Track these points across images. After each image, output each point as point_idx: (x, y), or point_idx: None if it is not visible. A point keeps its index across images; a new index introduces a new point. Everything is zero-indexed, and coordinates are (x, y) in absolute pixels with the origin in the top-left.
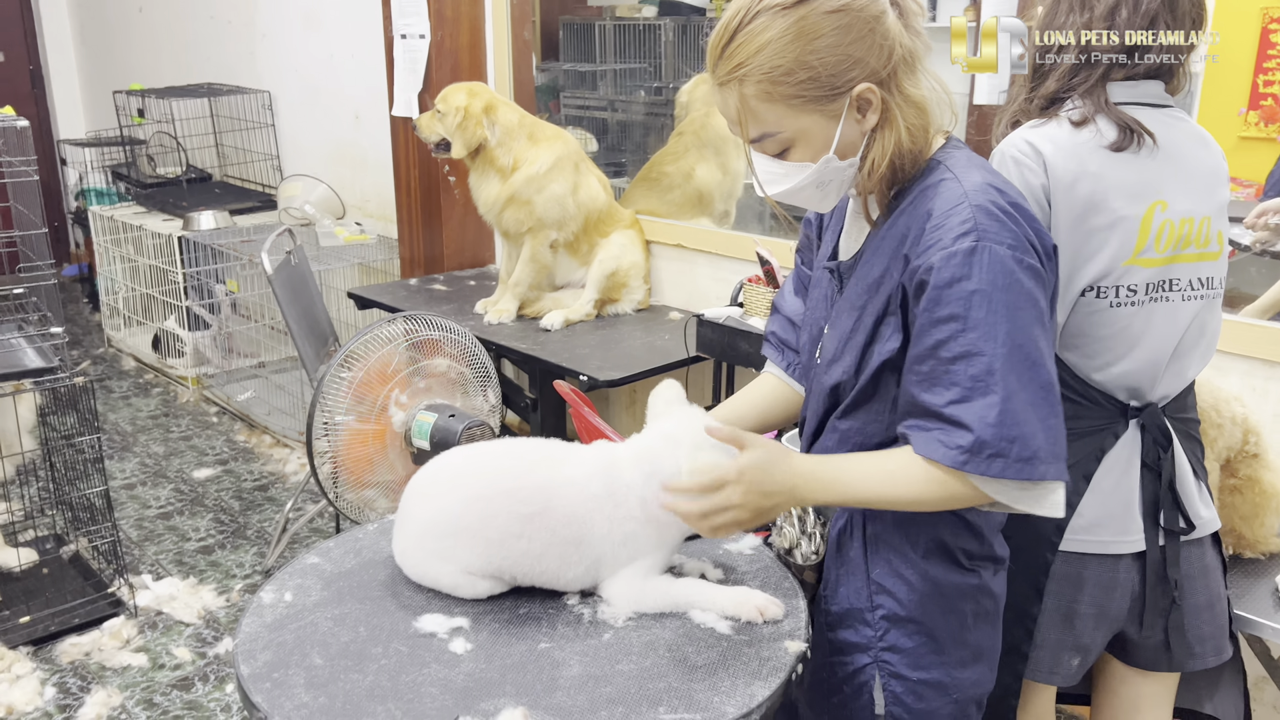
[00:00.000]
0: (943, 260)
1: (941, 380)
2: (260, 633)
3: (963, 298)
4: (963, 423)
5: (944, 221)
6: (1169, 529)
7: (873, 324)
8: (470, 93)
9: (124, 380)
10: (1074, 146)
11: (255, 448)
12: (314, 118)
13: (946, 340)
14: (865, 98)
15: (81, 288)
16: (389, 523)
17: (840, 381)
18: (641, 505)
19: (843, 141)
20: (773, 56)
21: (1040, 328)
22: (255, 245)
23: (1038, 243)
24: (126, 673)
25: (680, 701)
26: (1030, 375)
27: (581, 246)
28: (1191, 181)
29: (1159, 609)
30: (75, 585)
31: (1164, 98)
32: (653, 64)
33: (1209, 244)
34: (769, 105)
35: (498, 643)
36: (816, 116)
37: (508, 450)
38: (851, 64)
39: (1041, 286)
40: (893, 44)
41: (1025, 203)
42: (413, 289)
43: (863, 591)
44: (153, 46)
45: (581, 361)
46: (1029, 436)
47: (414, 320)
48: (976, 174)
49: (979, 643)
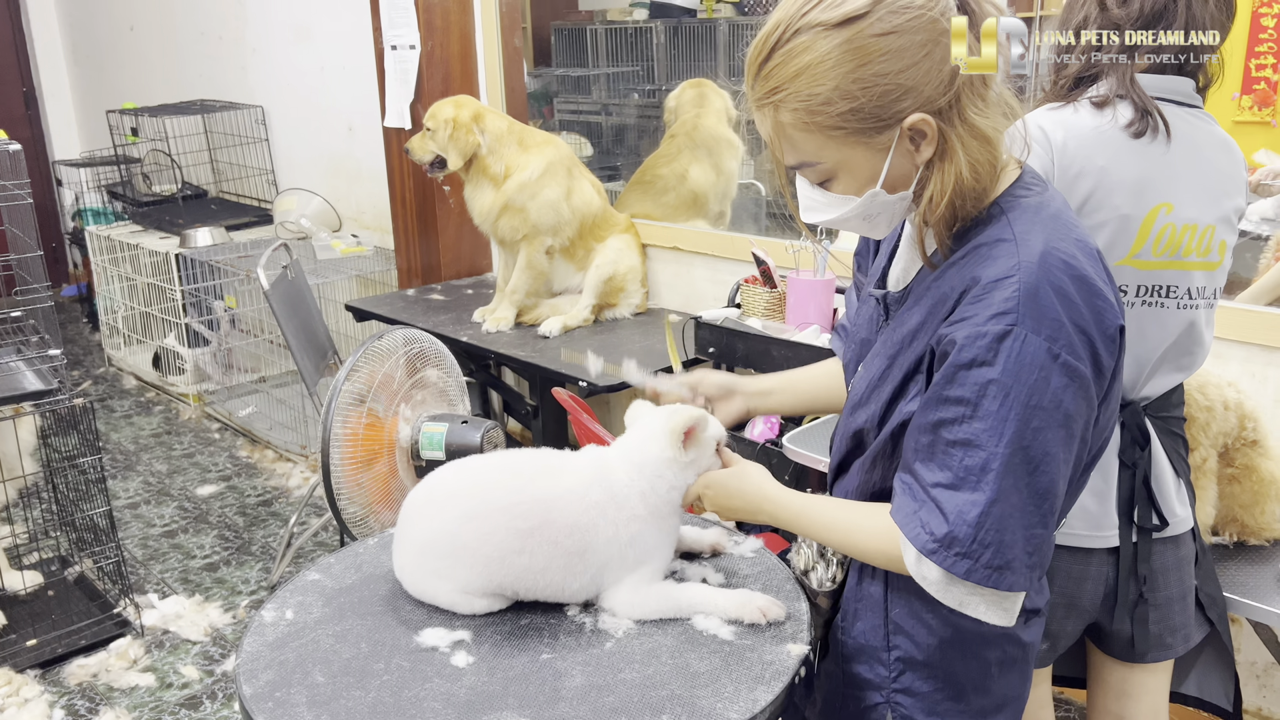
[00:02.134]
0: (968, 339)
1: (937, 458)
2: (262, 651)
3: (979, 384)
4: (944, 510)
5: (986, 294)
6: (1142, 526)
7: (901, 378)
8: (456, 104)
9: (125, 399)
10: (1088, 133)
11: (258, 463)
12: (307, 131)
13: (951, 422)
14: (919, 129)
15: (81, 307)
16: (389, 537)
17: (864, 428)
18: (643, 500)
19: (893, 174)
20: (811, 83)
21: (1058, 430)
22: (252, 260)
23: (1093, 328)
24: (134, 693)
25: (683, 709)
26: (1028, 480)
27: (578, 252)
28: (1203, 187)
29: (1127, 603)
30: (81, 606)
31: (1192, 97)
32: (645, 67)
33: (1210, 253)
34: (807, 135)
35: (499, 655)
36: (861, 149)
37: (503, 464)
38: (903, 93)
39: (1076, 385)
40: (957, 65)
41: (1094, 270)
42: (410, 299)
43: (880, 630)
44: (145, 65)
45: (580, 367)
46: (1007, 545)
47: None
48: (1039, 237)
49: (1004, 692)
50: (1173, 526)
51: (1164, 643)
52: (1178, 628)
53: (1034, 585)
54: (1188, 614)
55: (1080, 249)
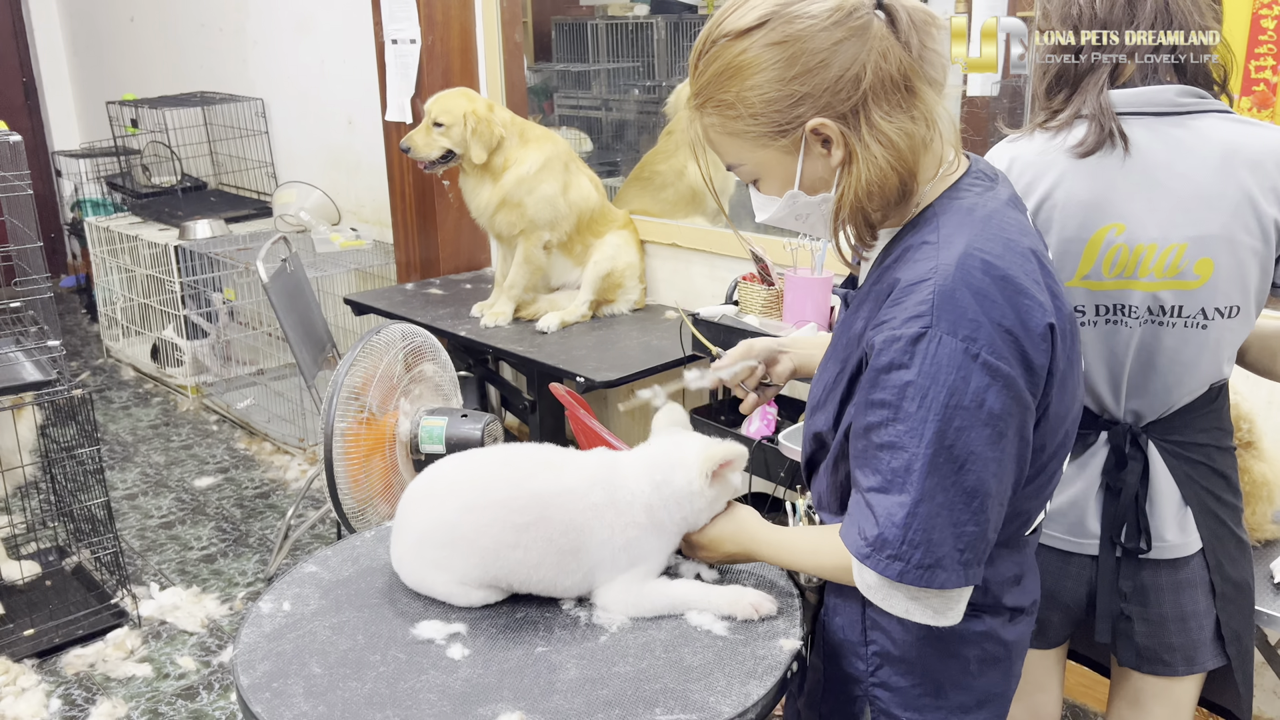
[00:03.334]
0: (885, 342)
1: (870, 463)
2: (259, 643)
3: (898, 387)
4: (875, 514)
5: (903, 297)
6: (1125, 545)
7: (848, 381)
8: (467, 97)
9: (123, 390)
10: (1033, 157)
11: (256, 455)
12: (307, 124)
13: (877, 426)
14: (822, 133)
15: (79, 298)
16: (386, 530)
17: (822, 431)
18: (647, 512)
19: (809, 177)
20: (720, 89)
21: (983, 429)
22: (251, 253)
23: (1018, 327)
24: (131, 683)
25: (676, 702)
26: (954, 479)
27: (575, 247)
28: (1170, 205)
29: (1107, 614)
30: (78, 597)
31: (1176, 104)
32: (645, 63)
33: (1180, 273)
34: (725, 139)
35: (495, 648)
36: (772, 151)
37: (504, 458)
38: (798, 99)
39: (1000, 384)
40: (860, 70)
41: (1022, 268)
42: (409, 293)
43: (857, 625)
44: (145, 56)
45: (578, 363)
46: (935, 544)
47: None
48: (962, 238)
49: (986, 689)
50: (1161, 551)
51: (1160, 659)
52: (1176, 648)
53: (969, 580)
54: (1189, 637)
55: (1009, 248)
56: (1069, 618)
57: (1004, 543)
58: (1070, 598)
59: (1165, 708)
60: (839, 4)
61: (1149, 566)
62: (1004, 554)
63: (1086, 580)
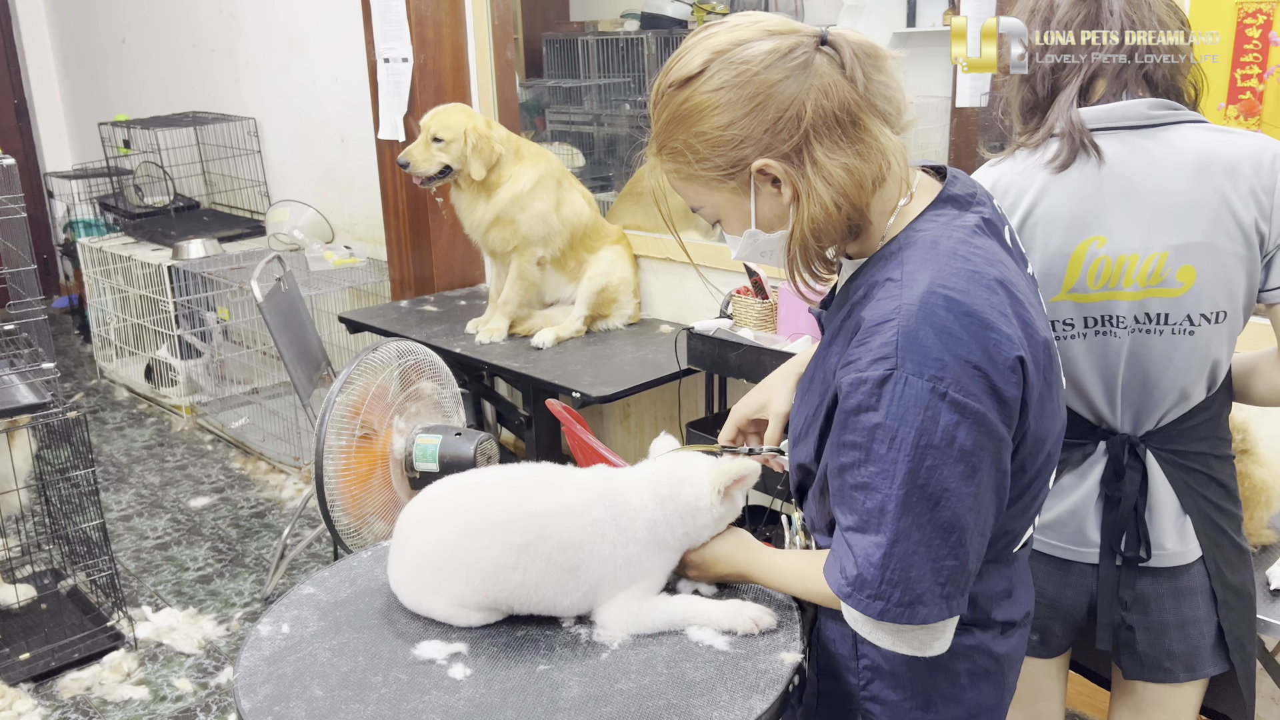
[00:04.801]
0: (852, 385)
1: (846, 503)
2: (259, 666)
3: (867, 429)
4: (854, 553)
5: (868, 338)
6: (1125, 554)
7: (825, 415)
8: (466, 113)
9: (117, 411)
10: (1013, 177)
11: (251, 474)
12: (300, 143)
13: (850, 466)
14: (769, 174)
15: (72, 319)
16: (383, 550)
17: (804, 462)
18: (649, 528)
19: (764, 215)
20: (670, 137)
21: (955, 465)
22: (245, 272)
23: (985, 362)
24: (128, 706)
25: (680, 718)
26: (929, 517)
27: (569, 263)
28: (1148, 215)
29: (1108, 622)
30: (74, 620)
31: (1148, 117)
32: (636, 78)
33: (1164, 280)
34: (683, 182)
35: (496, 666)
36: (725, 193)
37: (502, 480)
38: (738, 142)
39: (969, 420)
40: (800, 109)
41: (988, 301)
42: (404, 311)
43: (848, 639)
44: (137, 77)
45: (574, 378)
46: (914, 581)
47: (406, 343)
48: (926, 275)
49: (977, 702)
50: (1160, 559)
51: (1161, 666)
52: (1176, 654)
53: (954, 611)
54: (1189, 643)
55: (973, 281)
56: (1070, 626)
57: (992, 559)
58: (1071, 606)
59: (1166, 715)
60: (776, 45)
61: (1149, 575)
62: (992, 569)
63: (1087, 589)
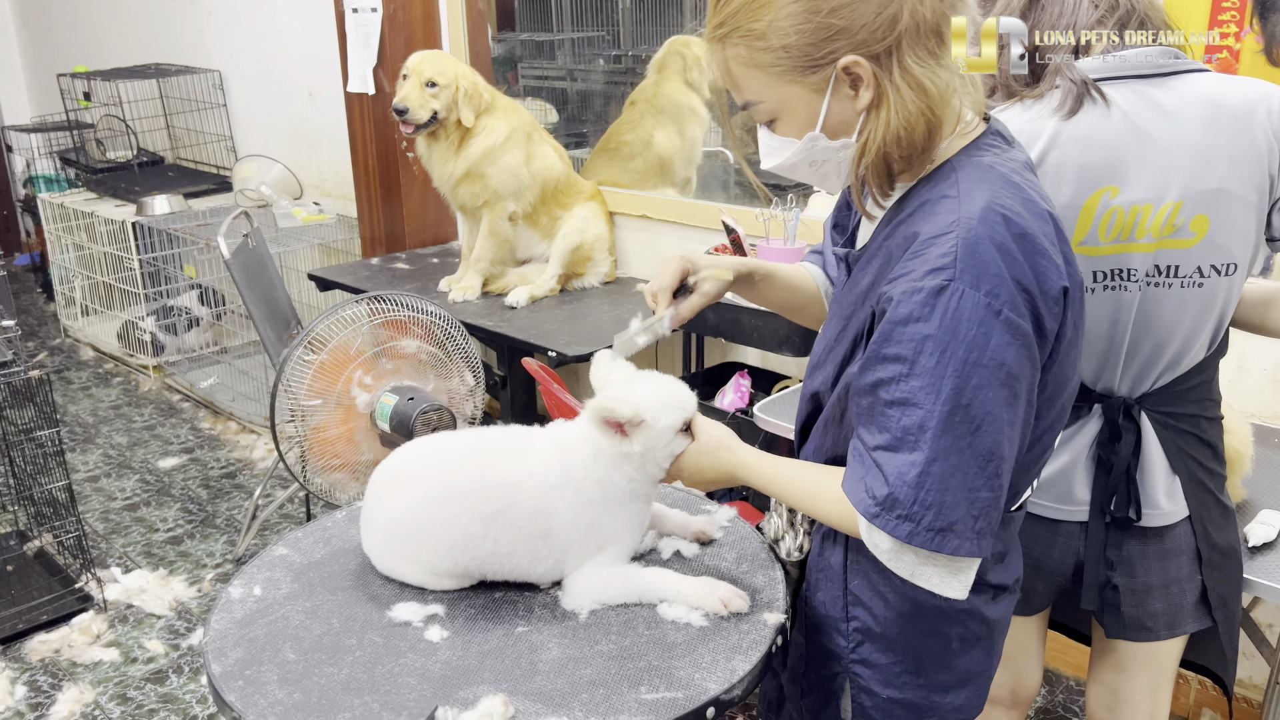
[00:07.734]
0: (904, 294)
1: (877, 420)
2: (230, 629)
3: (915, 340)
4: (885, 472)
5: (924, 250)
6: (1115, 515)
7: (852, 340)
8: (452, 59)
9: (83, 370)
10: (1022, 125)
11: (221, 435)
12: (266, 96)
13: (888, 381)
14: (854, 72)
15: (35, 277)
16: (357, 510)
17: (819, 390)
18: (599, 487)
19: (832, 119)
20: (750, 18)
21: (1000, 389)
22: (212, 229)
23: (1035, 286)
24: (98, 668)
25: (661, 680)
26: (969, 440)
27: (542, 219)
28: (1162, 163)
29: (1094, 582)
30: (41, 582)
31: (1156, 65)
32: (611, 32)
33: (1177, 230)
34: (749, 71)
35: (474, 629)
36: (798, 88)
37: (468, 446)
38: (835, 33)
39: (1019, 343)
40: (898, 11)
41: (1040, 229)
42: (375, 268)
43: (839, 601)
44: (97, 27)
45: (549, 337)
46: (949, 506)
47: (381, 300)
48: (983, 193)
49: (967, 668)
50: (1150, 519)
51: (1143, 625)
52: (1159, 614)
53: (982, 551)
54: (1171, 602)
55: (1028, 208)
56: (1053, 585)
57: None
58: (1057, 566)
59: (1148, 671)
60: None
61: (1136, 535)
62: None
63: (1074, 550)
